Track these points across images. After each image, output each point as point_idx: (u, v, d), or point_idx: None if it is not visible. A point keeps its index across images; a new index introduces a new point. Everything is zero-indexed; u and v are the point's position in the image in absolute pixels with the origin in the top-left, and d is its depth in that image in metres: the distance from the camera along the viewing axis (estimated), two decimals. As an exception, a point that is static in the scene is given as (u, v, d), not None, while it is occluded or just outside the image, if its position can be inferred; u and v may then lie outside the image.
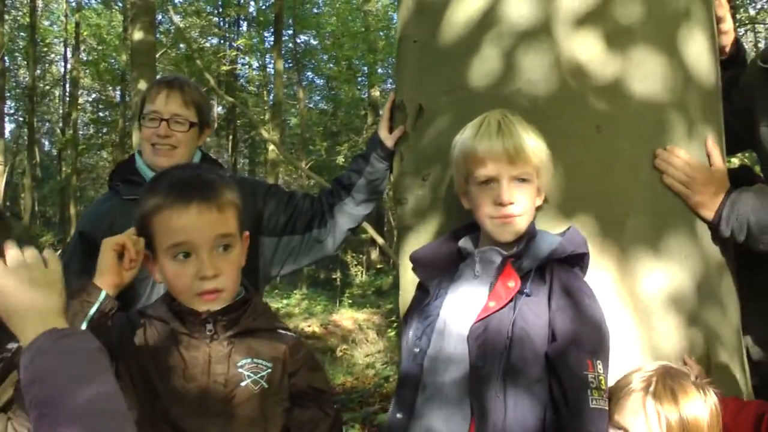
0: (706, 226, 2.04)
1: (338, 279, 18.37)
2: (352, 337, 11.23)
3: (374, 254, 19.57)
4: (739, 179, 2.20)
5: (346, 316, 13.55)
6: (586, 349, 1.65)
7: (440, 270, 1.90)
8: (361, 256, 19.36)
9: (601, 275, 1.88)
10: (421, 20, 2.24)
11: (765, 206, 2.00)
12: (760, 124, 2.33)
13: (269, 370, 1.69)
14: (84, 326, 1.56)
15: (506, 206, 1.75)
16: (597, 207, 1.92)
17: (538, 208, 1.85)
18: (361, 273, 18.69)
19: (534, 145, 1.77)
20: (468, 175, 1.82)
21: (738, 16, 18.61)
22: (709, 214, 2.01)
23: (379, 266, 19.02)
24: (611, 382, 1.72)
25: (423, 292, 1.92)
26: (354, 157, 2.61)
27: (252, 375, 1.67)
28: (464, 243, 1.88)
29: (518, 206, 1.76)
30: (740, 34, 19.84)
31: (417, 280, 1.97)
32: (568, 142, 1.93)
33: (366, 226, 9.14)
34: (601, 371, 1.65)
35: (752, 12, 18.04)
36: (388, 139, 2.39)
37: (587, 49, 1.96)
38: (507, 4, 2.02)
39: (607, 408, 1.64)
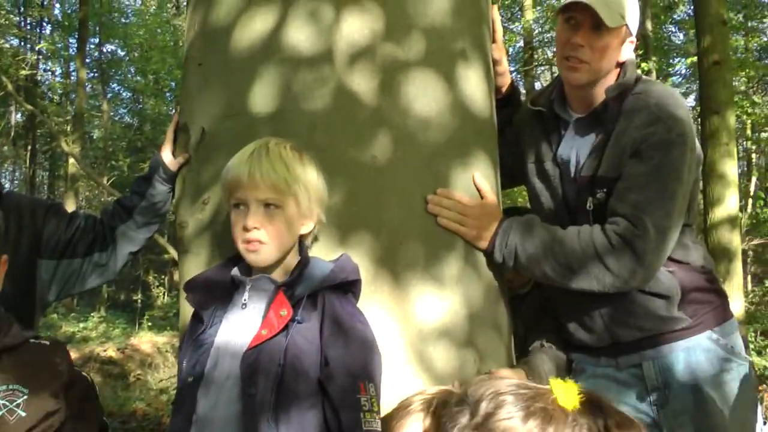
0: (481, 252, 2.16)
1: (139, 300, 17.70)
2: (149, 361, 10.84)
3: (177, 275, 19.00)
4: (515, 211, 2.42)
5: (145, 340, 13.02)
6: (358, 373, 1.69)
7: (215, 298, 1.87)
8: (163, 276, 18.78)
9: (375, 301, 1.93)
10: (206, 43, 2.22)
11: (531, 236, 2.18)
12: (528, 161, 2.52)
13: (25, 397, 1.58)
14: None
15: (250, 231, 1.75)
16: (372, 235, 1.96)
17: (305, 236, 1.87)
18: (163, 294, 18.12)
19: (293, 172, 1.79)
20: (227, 200, 1.84)
21: (536, 56, 19.99)
22: (484, 244, 2.15)
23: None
24: (386, 405, 1.76)
25: (197, 321, 1.88)
26: (137, 179, 2.52)
27: (7, 404, 1.56)
28: (236, 271, 1.87)
29: (264, 233, 1.76)
30: (539, 72, 21.34)
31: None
32: (344, 172, 1.97)
33: (168, 246, 8.87)
34: (374, 394, 1.69)
35: (549, 54, 19.37)
36: (170, 162, 2.33)
37: (366, 81, 2.02)
38: (289, 32, 2.04)
39: (380, 429, 1.68)
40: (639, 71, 2.40)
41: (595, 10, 2.20)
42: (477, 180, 2.17)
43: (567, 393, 1.29)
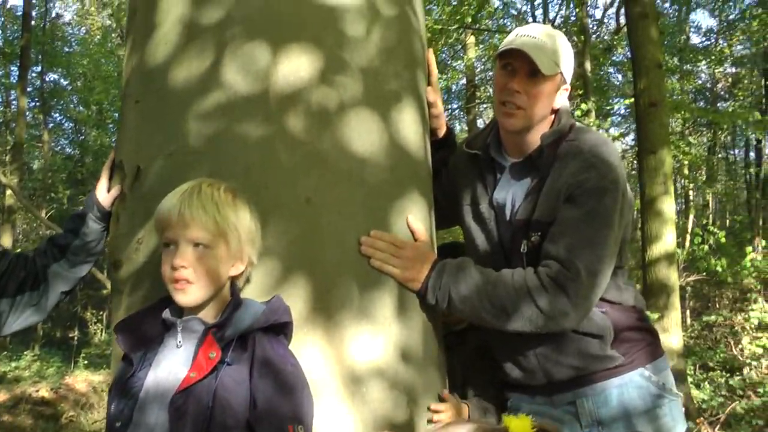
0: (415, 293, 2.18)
1: (76, 337, 17.23)
2: (84, 402, 10.53)
3: (116, 310, 18.56)
4: (454, 250, 2.45)
5: (81, 379, 12.64)
6: (288, 414, 1.69)
7: (145, 341, 1.85)
8: (101, 312, 18.35)
9: (309, 342, 1.92)
10: (144, 81, 2.21)
11: (465, 278, 2.21)
12: (464, 203, 2.56)
13: None
14: None
15: (178, 270, 1.75)
16: (306, 276, 1.96)
17: (236, 277, 1.87)
18: (101, 331, 17.67)
19: (223, 213, 1.79)
20: (159, 239, 1.85)
21: (478, 94, 20.34)
22: (417, 285, 2.17)
23: (119, 324, 18.04)
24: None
25: (127, 364, 1.85)
26: (71, 216, 2.47)
27: None
28: (167, 313, 1.84)
29: (192, 272, 1.76)
30: (481, 110, 21.68)
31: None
32: (278, 213, 1.97)
33: (107, 281, 8.69)
34: None
35: (491, 92, 19.72)
36: (105, 200, 2.30)
37: (301, 122, 2.03)
38: (226, 72, 2.05)
39: None
40: (579, 111, 2.47)
41: (531, 57, 2.27)
42: (410, 221, 2.19)
43: (522, 426, 1.32)
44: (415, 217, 2.21)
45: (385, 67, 2.20)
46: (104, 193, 2.31)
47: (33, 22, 18.48)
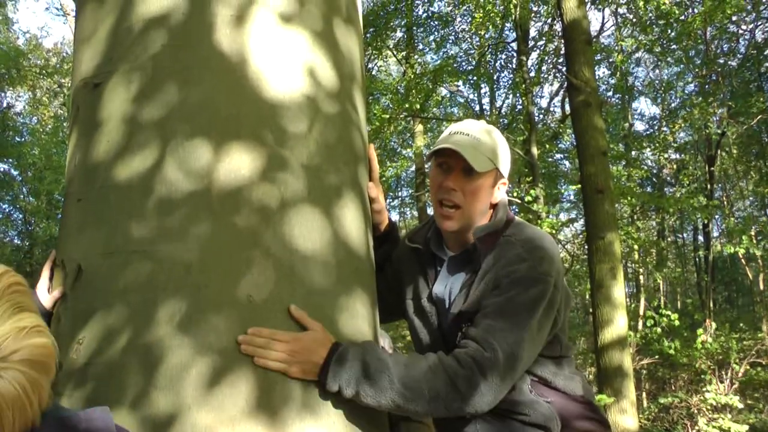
0: None
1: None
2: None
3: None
4: None
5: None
6: None
7: None
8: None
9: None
10: (86, 178, 2.20)
11: (371, 360, 2.07)
12: (407, 297, 2.58)
13: None
14: None
15: None
16: (248, 374, 1.94)
17: None
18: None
19: None
20: None
21: (428, 181, 20.62)
22: (312, 376, 2.02)
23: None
24: None
25: None
26: (9, 316, 2.42)
27: None
28: None
29: None
30: (430, 197, 21.97)
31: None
32: (219, 312, 1.96)
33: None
34: None
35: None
36: (46, 300, 2.26)
37: (242, 219, 2.04)
38: (167, 171, 2.06)
39: None
40: (528, 197, 2.52)
41: (464, 156, 2.31)
42: (292, 310, 2.04)
43: None
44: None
45: (327, 164, 2.23)
46: (45, 294, 2.27)
47: (-16, 113, 18.42)
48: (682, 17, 15.75)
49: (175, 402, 1.89)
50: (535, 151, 16.28)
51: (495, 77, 21.09)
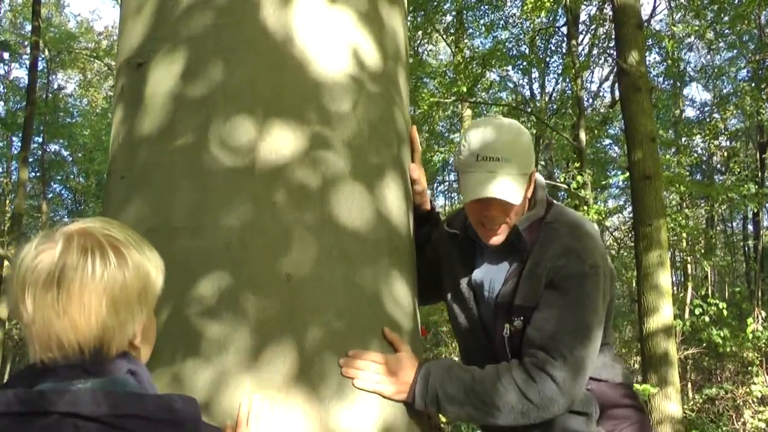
0: None
1: None
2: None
3: None
4: None
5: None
6: None
7: None
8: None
9: (290, 405, 1.90)
10: (129, 156, 2.23)
11: (451, 379, 2.17)
12: (445, 281, 2.57)
13: None
14: None
15: None
16: (286, 351, 1.96)
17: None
18: None
19: None
20: None
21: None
22: (403, 396, 2.13)
23: None
24: None
25: None
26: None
27: None
28: None
29: None
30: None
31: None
32: (258, 289, 1.97)
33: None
34: None
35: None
36: None
37: (282, 198, 2.04)
38: (210, 147, 2.07)
39: None
40: (575, 184, 2.48)
41: (502, 200, 2.25)
42: (387, 333, 2.15)
43: None
44: (395, 291, 2.19)
45: (369, 143, 2.23)
46: None
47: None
48: (736, 0, 15.35)
49: (215, 371, 1.92)
50: (583, 136, 16.10)
51: (545, 62, 20.87)
